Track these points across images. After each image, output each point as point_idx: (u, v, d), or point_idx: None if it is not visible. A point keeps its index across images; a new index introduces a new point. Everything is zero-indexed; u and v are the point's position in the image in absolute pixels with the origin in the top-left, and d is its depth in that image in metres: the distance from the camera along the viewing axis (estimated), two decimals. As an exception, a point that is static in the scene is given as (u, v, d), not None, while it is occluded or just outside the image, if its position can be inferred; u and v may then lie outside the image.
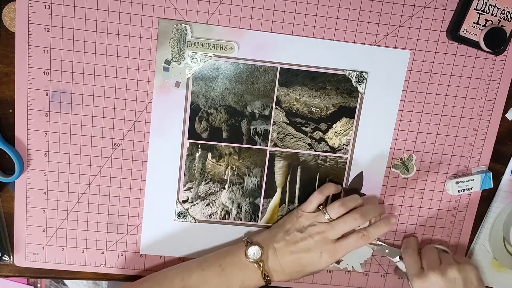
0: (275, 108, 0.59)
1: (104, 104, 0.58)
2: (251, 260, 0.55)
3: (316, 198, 0.59)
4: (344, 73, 0.59)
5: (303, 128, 0.60)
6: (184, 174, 0.61)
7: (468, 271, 0.56)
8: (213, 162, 0.61)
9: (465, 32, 0.56)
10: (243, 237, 0.62)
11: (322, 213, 0.57)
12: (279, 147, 0.61)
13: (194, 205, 0.62)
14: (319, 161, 0.61)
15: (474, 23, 0.56)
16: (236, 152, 0.61)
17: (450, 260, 0.58)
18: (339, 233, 0.56)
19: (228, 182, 0.62)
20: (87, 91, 0.57)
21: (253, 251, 0.56)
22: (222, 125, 0.60)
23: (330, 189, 0.60)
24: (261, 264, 0.55)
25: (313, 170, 0.62)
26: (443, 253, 0.60)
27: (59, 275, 0.64)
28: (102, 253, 0.63)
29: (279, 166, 0.61)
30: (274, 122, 0.60)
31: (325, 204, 0.60)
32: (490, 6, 0.56)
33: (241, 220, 0.63)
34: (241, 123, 0.60)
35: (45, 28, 0.55)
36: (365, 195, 0.62)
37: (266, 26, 0.57)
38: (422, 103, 0.60)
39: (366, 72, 0.59)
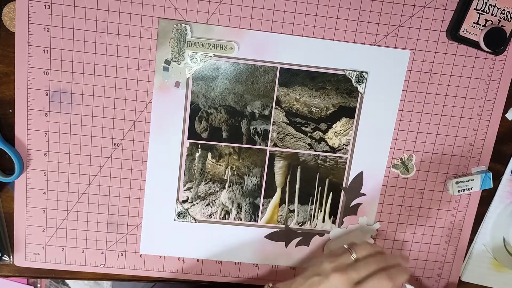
0: (275, 108, 0.59)
1: (104, 104, 0.58)
2: None
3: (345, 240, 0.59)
4: (344, 73, 0.59)
5: (303, 128, 0.60)
6: (184, 174, 0.61)
7: None
8: (213, 162, 0.61)
9: (465, 32, 0.56)
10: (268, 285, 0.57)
11: (348, 252, 0.54)
12: (279, 147, 0.61)
13: (194, 205, 0.62)
14: (319, 161, 0.61)
15: (474, 23, 0.56)
16: (236, 152, 0.61)
17: None
18: (361, 277, 0.52)
19: (228, 182, 0.62)
20: (87, 91, 0.57)
21: None
22: (222, 125, 0.60)
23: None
24: None
25: (313, 170, 0.62)
26: None
27: (59, 275, 0.64)
28: (102, 253, 0.63)
29: (279, 166, 0.61)
30: (274, 122, 0.60)
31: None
32: (490, 6, 0.56)
33: (241, 220, 0.63)
34: (241, 123, 0.60)
35: (45, 28, 0.55)
36: (365, 195, 0.62)
37: (266, 26, 0.57)
38: (422, 103, 0.60)
39: (366, 72, 0.59)
